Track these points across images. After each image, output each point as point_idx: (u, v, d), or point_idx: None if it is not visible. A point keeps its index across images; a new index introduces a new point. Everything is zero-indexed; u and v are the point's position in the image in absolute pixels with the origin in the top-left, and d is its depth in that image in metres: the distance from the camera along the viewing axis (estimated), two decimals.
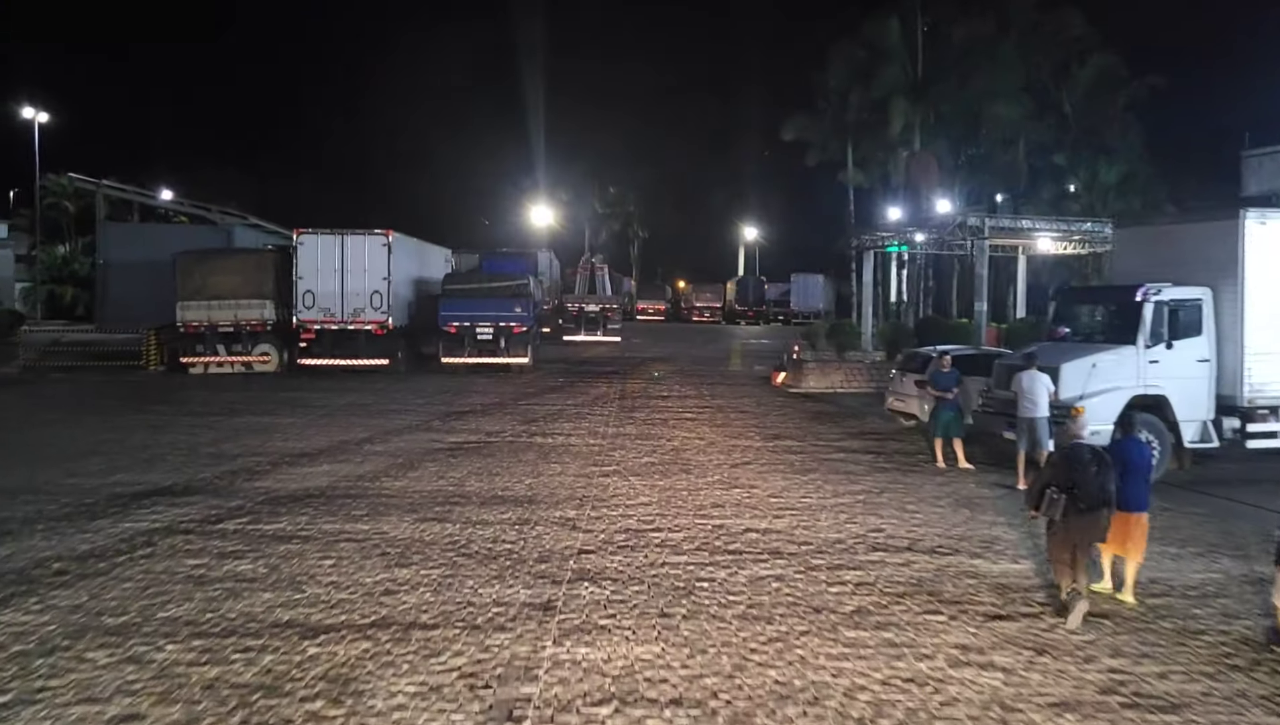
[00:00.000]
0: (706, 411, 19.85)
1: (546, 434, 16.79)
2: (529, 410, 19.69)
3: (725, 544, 9.75)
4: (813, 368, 23.81)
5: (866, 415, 19.53)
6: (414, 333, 28.38)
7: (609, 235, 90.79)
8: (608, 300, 41.16)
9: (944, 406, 13.93)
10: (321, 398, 21.21)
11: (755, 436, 16.67)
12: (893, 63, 31.35)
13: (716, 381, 25.94)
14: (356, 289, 25.35)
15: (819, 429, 17.59)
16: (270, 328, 25.78)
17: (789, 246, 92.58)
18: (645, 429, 17.37)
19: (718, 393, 23.32)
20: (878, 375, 24.01)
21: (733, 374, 28.43)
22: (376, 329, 25.50)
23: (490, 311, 26.49)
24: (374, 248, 25.38)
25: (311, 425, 17.47)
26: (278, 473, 13.32)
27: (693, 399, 21.95)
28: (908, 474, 13.51)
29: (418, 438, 16.28)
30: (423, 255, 30.23)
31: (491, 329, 26.52)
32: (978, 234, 23.60)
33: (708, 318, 76.25)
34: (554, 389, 23.58)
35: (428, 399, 21.25)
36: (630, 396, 22.26)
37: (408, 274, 27.76)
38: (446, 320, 26.42)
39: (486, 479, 12.99)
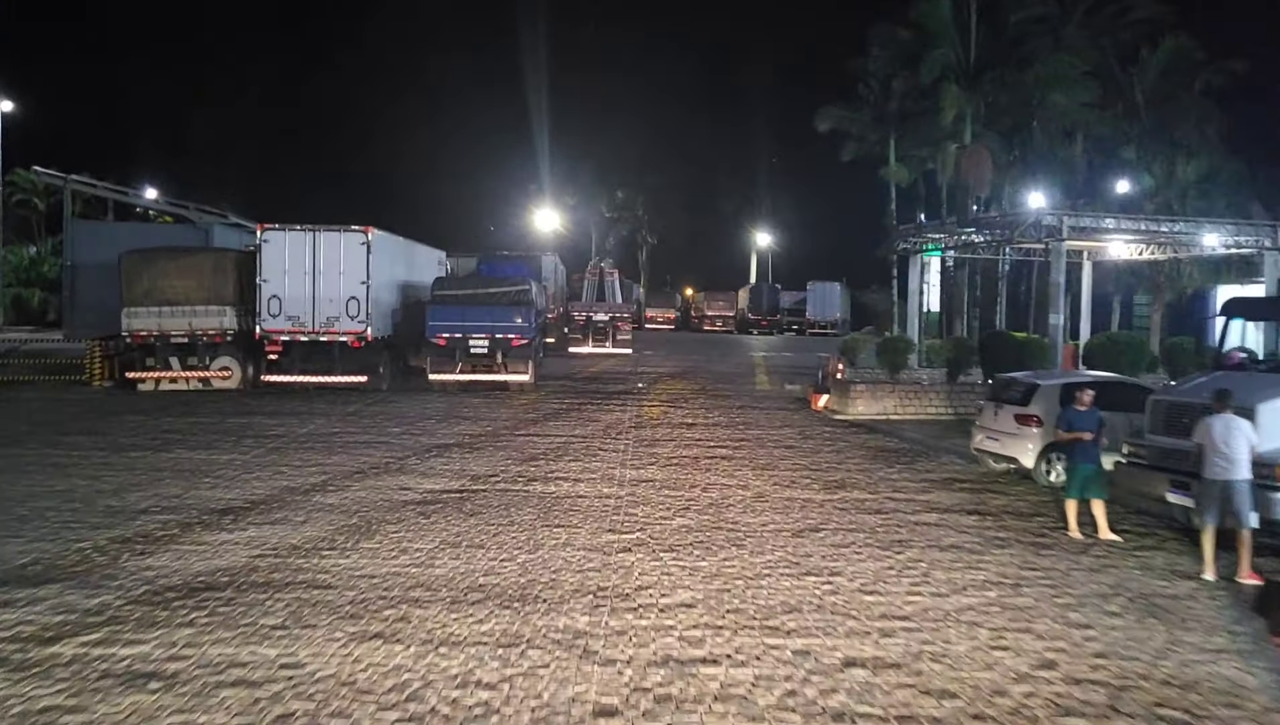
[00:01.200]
0: (743, 446, 16.32)
1: (548, 478, 13.28)
2: (527, 443, 16.19)
3: (822, 697, 6.23)
4: (861, 391, 20.29)
5: (941, 453, 15.99)
6: (399, 345, 24.92)
7: (617, 240, 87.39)
8: (618, 308, 37.68)
9: (1082, 457, 10.40)
10: (280, 424, 17.72)
11: (812, 484, 13.14)
12: (942, 44, 27.90)
13: (746, 404, 22.42)
14: (330, 294, 21.90)
15: (890, 474, 14.04)
16: (231, 338, 22.34)
17: (801, 253, 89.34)
18: (672, 472, 13.86)
19: (750, 418, 19.80)
20: (938, 400, 20.51)
21: (762, 394, 24.91)
22: (353, 341, 22.03)
23: (485, 321, 23.02)
24: (351, 247, 21.94)
25: (256, 464, 13.97)
26: (184, 542, 9.83)
27: (723, 428, 18.43)
28: (1040, 551, 9.96)
29: (385, 483, 12.78)
30: (411, 257, 26.79)
31: (487, 341, 23.06)
32: (1054, 234, 20.11)
33: (720, 327, 72.93)
34: (558, 413, 20.08)
35: (407, 426, 17.76)
36: (648, 423, 18.76)
37: (392, 278, 24.32)
38: (435, 331, 22.96)
39: (465, 554, 9.49)
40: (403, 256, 25.68)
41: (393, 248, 24.38)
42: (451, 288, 24.15)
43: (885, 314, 69.01)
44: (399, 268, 25.11)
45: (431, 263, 29.98)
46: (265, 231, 21.96)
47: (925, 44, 28.18)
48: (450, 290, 23.91)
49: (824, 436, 17.58)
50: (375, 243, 22.22)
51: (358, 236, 21.93)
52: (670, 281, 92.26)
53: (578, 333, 37.28)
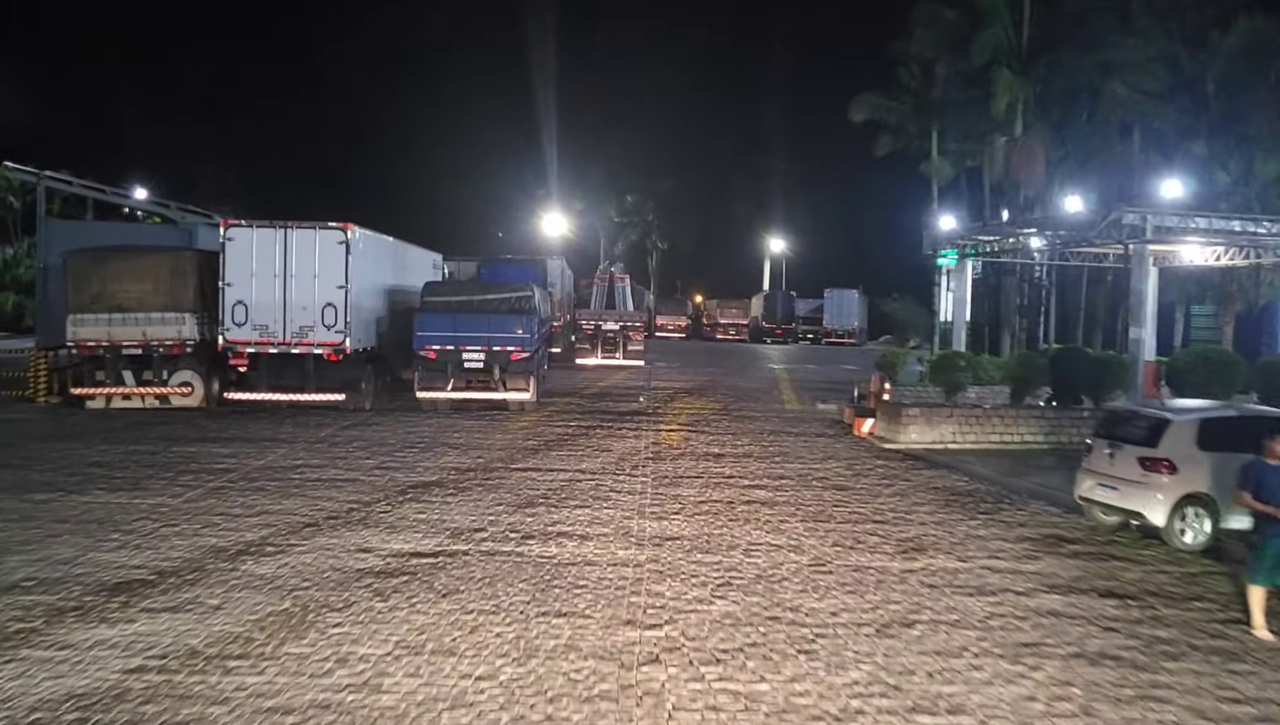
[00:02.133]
0: (784, 485, 13.56)
1: (548, 533, 10.54)
2: (525, 481, 13.44)
3: None
4: (915, 416, 17.49)
5: (1026, 498, 13.18)
6: (386, 358, 22.21)
7: (626, 246, 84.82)
8: (629, 317, 34.93)
9: (1276, 531, 7.63)
10: (233, 454, 15.00)
11: (883, 546, 10.38)
12: (993, 24, 25.19)
13: (777, 428, 19.65)
14: (304, 300, 19.19)
15: (975, 529, 11.25)
16: (192, 350, 19.64)
17: (815, 260, 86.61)
18: (702, 524, 11.11)
19: (786, 447, 17.03)
20: (1001, 426, 17.71)
21: (793, 415, 22.13)
22: (330, 353, 19.31)
23: (482, 331, 20.30)
24: (327, 247, 19.23)
25: (184, 513, 11.25)
26: (41, 642, 7.13)
27: (756, 459, 15.66)
28: (1228, 663, 7.19)
29: (340, 542, 10.05)
30: (401, 259, 24.10)
31: (483, 354, 20.32)
32: (1137, 235, 17.31)
33: (733, 335, 70.24)
34: (563, 440, 17.34)
35: (384, 457, 15.03)
36: (668, 454, 16.00)
37: (377, 282, 21.63)
38: (424, 342, 20.24)
39: (428, 667, 6.78)
40: (390, 258, 22.99)
41: (378, 248, 21.69)
42: (443, 293, 21.43)
43: (907, 323, 66.40)
44: (385, 271, 22.41)
45: (425, 266, 27.29)
46: (229, 228, 19.27)
47: (975, 24, 25.46)
48: (442, 296, 21.19)
49: (878, 472, 14.79)
50: (356, 242, 19.53)
51: (335, 235, 19.23)
52: (680, 288, 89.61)
53: (585, 343, 34.54)
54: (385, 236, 22.39)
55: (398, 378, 22.23)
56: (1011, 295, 27.67)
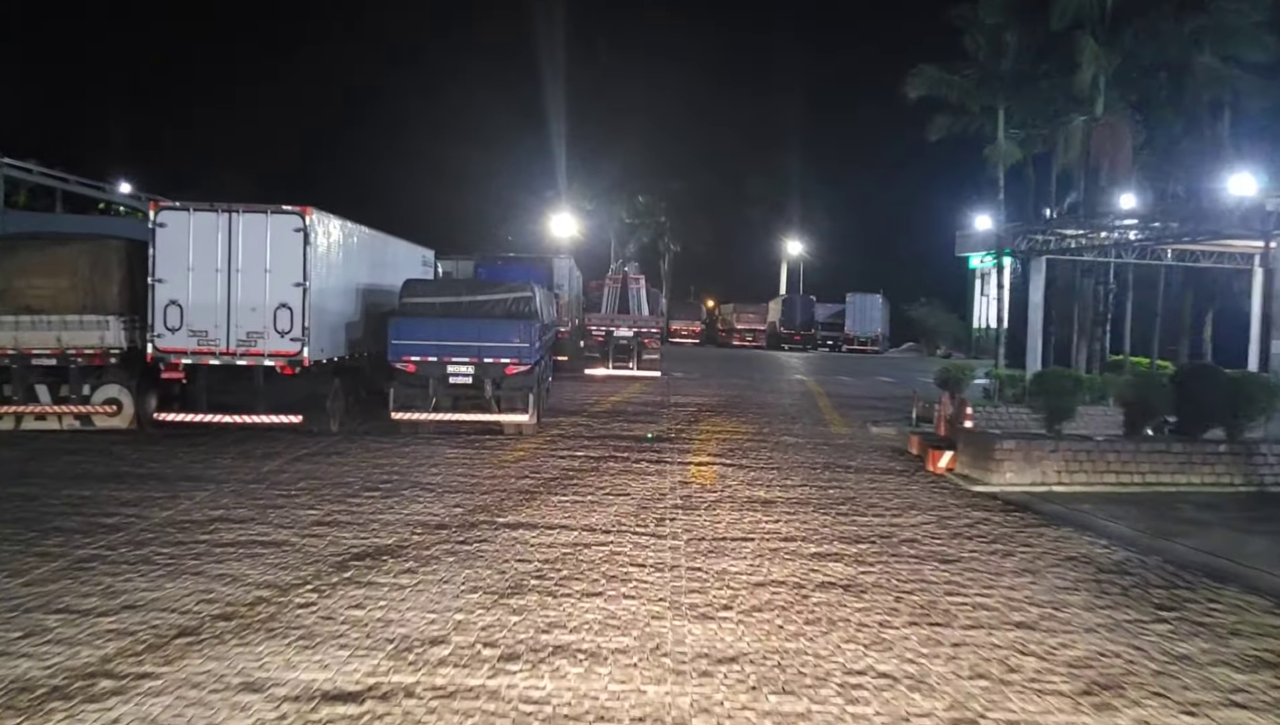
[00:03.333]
0: (866, 553, 9.98)
1: (539, 652, 6.98)
2: (513, 547, 9.90)
3: None
4: (1011, 451, 13.88)
5: (1206, 577, 9.55)
6: (360, 370, 18.76)
7: (637, 248, 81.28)
8: (644, 322, 31.36)
9: None
10: (133, 502, 11.50)
11: (1048, 678, 6.77)
12: None
13: (830, 460, 16.07)
14: (252, 301, 15.73)
15: (1171, 643, 7.62)
16: (118, 360, 16.22)
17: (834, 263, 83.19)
18: (766, 630, 7.54)
19: (850, 489, 13.46)
20: (1116, 464, 14.11)
21: (844, 442, 18.54)
22: (284, 366, 15.83)
23: (471, 339, 16.81)
24: (282, 235, 15.76)
25: (4, 607, 7.75)
26: None
27: (818, 510, 12.08)
28: None
29: (214, 670, 6.50)
30: (381, 254, 20.66)
31: (472, 367, 16.83)
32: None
33: (750, 342, 66.92)
34: (567, 477, 13.80)
35: (333, 505, 11.53)
36: (701, 502, 12.45)
37: (348, 279, 18.18)
38: (400, 353, 16.76)
39: None
40: (366, 252, 19.53)
41: (349, 239, 18.21)
42: (426, 293, 17.92)
43: (936, 330, 62.74)
44: (359, 266, 18.96)
45: (413, 263, 23.84)
46: (160, 211, 15.81)
47: None
48: (423, 296, 17.70)
49: (982, 532, 11.19)
50: (317, 230, 16.06)
51: (291, 220, 15.74)
52: (693, 292, 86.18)
53: (595, 351, 31.00)
54: (359, 226, 18.90)
55: (377, 393, 18.76)
56: (1088, 299, 24.03)
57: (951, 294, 62.60)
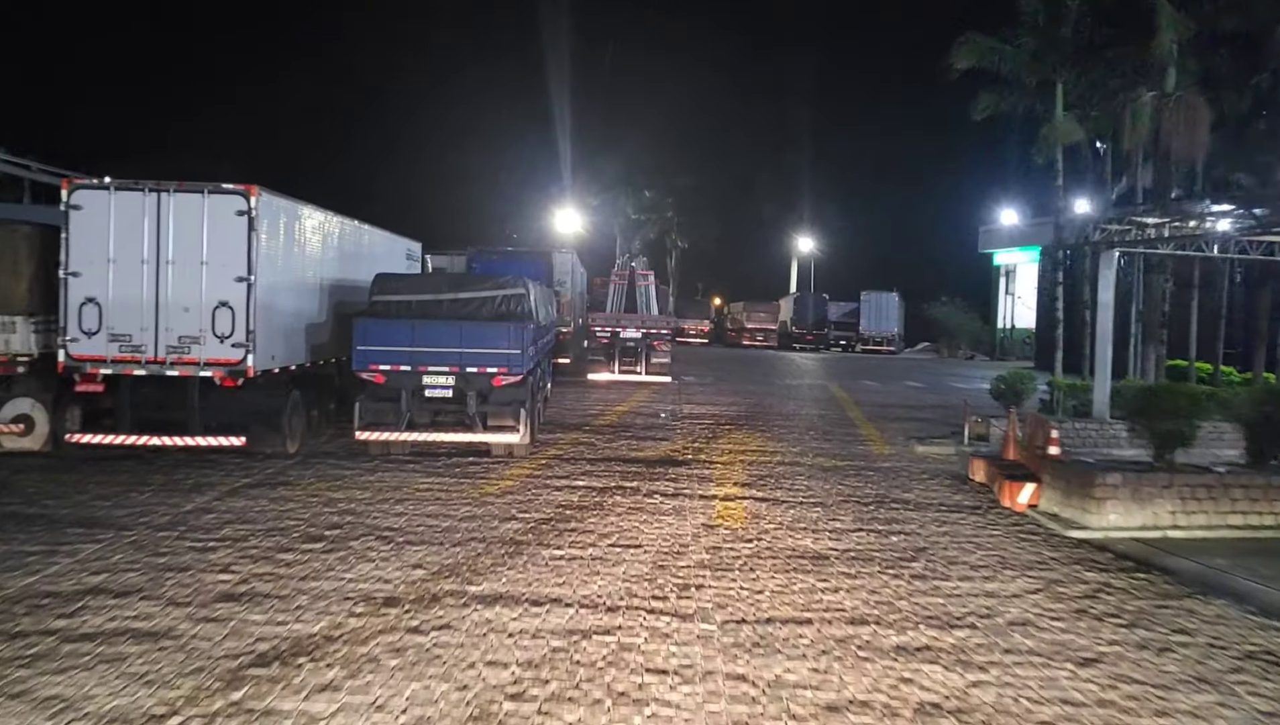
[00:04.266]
0: (972, 646, 7.26)
1: None
2: (482, 638, 7.16)
3: None
4: (1116, 486, 11.13)
5: None
6: (326, 379, 16.10)
7: (643, 244, 78.52)
8: (654, 322, 28.61)
9: None
10: None
11: None
12: None
13: (882, 491, 13.32)
14: (186, 298, 13.03)
15: None
16: (27, 369, 13.55)
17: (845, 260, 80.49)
18: None
19: (917, 535, 10.75)
20: (1245, 503, 11.37)
21: (889, 464, 15.79)
22: (224, 377, 13.13)
23: (451, 346, 14.12)
24: (222, 219, 13.05)
25: None
26: None
27: (885, 571, 9.37)
28: None
29: None
30: (353, 244, 17.99)
31: (452, 378, 14.15)
32: None
33: (760, 341, 64.21)
34: (562, 520, 11.08)
35: (255, 565, 8.83)
36: (735, 554, 9.75)
37: (309, 273, 15.51)
38: (367, 361, 14.07)
39: None
40: (334, 242, 16.85)
41: (310, 226, 15.53)
42: (399, 290, 15.16)
43: (958, 330, 59.88)
44: (325, 259, 16.29)
45: (395, 256, 21.18)
46: (75, 191, 13.12)
47: None
48: (396, 293, 14.98)
49: (1112, 608, 8.44)
50: (266, 214, 13.36)
51: (233, 201, 13.03)
52: (701, 290, 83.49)
53: (600, 354, 28.28)
54: (325, 211, 16.20)
55: (349, 406, 16.08)
56: (1156, 298, 21.23)
57: (973, 293, 59.80)
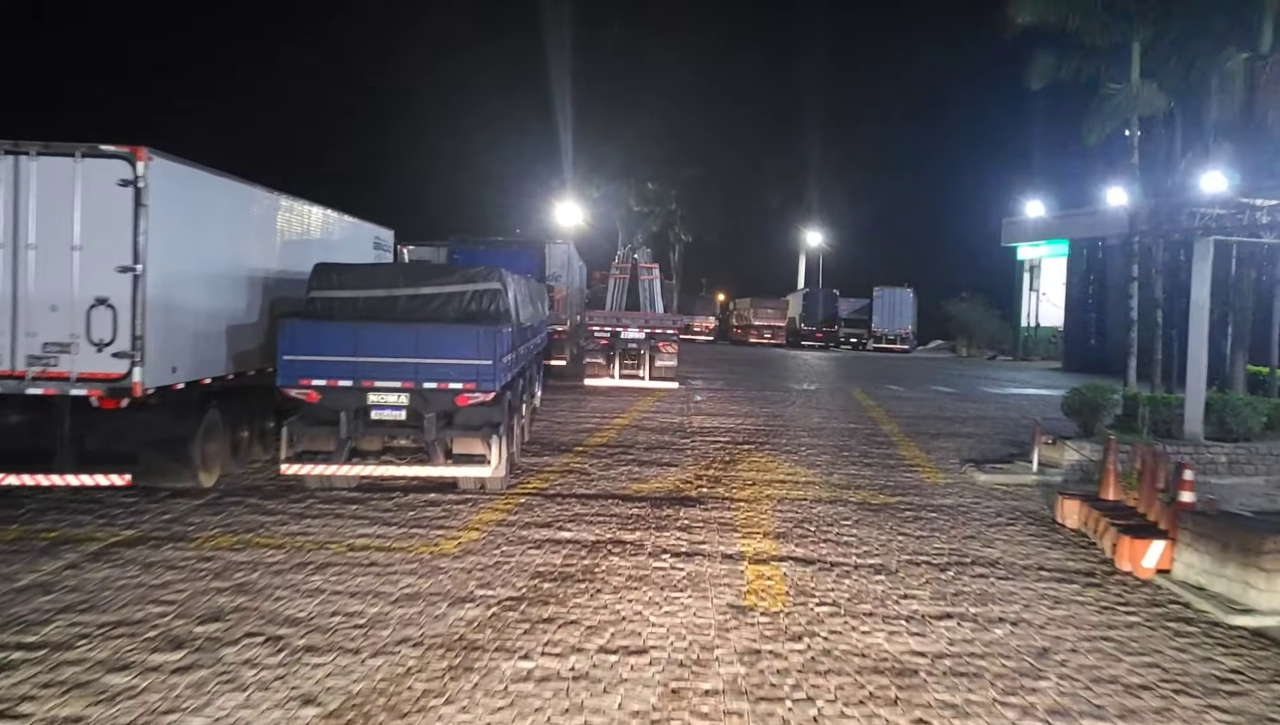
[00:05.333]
0: None
1: None
2: None
3: None
4: None
5: None
6: (253, 393, 13.07)
7: (646, 237, 75.49)
8: (658, 320, 25.54)
9: None
10: None
11: None
12: None
13: (953, 542, 10.32)
14: (53, 294, 10.03)
15: None
16: None
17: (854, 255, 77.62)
18: None
19: (1020, 618, 7.78)
20: None
21: (949, 500, 12.79)
22: (101, 397, 10.14)
23: (404, 354, 11.11)
24: (99, 192, 10.03)
25: None
26: None
27: (1002, 692, 6.40)
28: None
29: None
30: (298, 229, 14.98)
31: (406, 397, 11.16)
32: None
33: (768, 339, 61.40)
34: (537, 603, 8.09)
35: (47, 711, 5.89)
36: (780, 672, 6.77)
37: (231, 263, 12.50)
38: (296, 374, 11.05)
39: None
40: (271, 226, 13.85)
41: (231, 204, 12.50)
42: (346, 284, 12.10)
43: (975, 328, 56.77)
44: (256, 245, 13.28)
45: (358, 245, 18.21)
46: None
47: None
48: (340, 289, 11.95)
49: None
50: (164, 184, 10.36)
51: (113, 168, 10.01)
52: (705, 285, 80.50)
53: (598, 356, 25.27)
54: (252, 185, 13.16)
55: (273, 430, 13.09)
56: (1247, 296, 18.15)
57: (992, 288, 56.74)
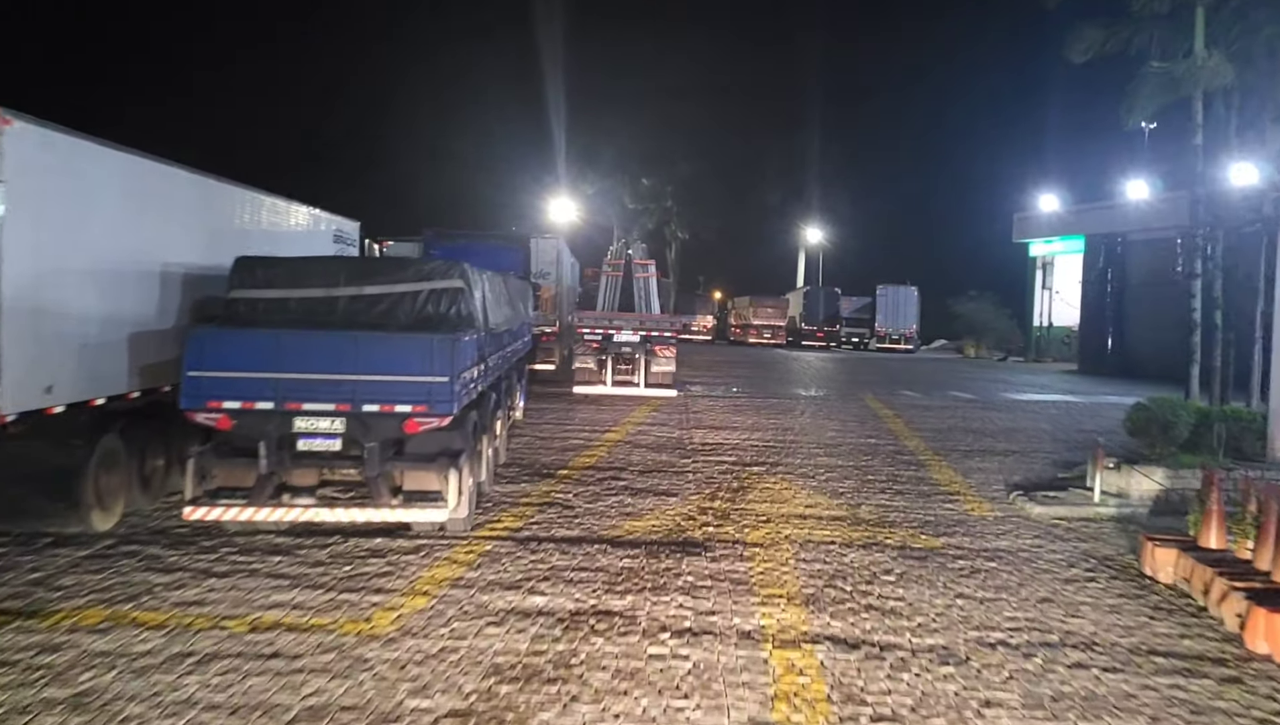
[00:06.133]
0: None
1: None
2: None
3: None
4: None
5: None
6: (169, 413, 10.84)
7: (642, 235, 73.52)
8: (654, 323, 23.30)
9: None
10: None
11: None
12: None
13: (1035, 616, 8.16)
14: None
15: None
16: None
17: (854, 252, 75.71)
18: None
19: None
20: None
21: (1003, 538, 10.66)
22: None
23: (338, 370, 8.92)
24: None
25: None
26: None
27: None
28: None
29: None
30: (226, 216, 12.80)
31: (341, 422, 8.97)
32: None
33: (768, 339, 59.55)
34: (490, 720, 5.96)
35: None
36: None
37: (133, 256, 10.29)
38: (204, 394, 8.86)
39: None
40: (193, 214, 11.65)
41: (130, 184, 10.28)
42: (274, 281, 9.87)
43: (984, 327, 54.59)
44: (172, 235, 11.07)
45: (313, 238, 16.07)
46: None
47: None
48: (267, 287, 9.75)
49: None
50: (27, 156, 8.17)
51: None
52: (702, 284, 78.45)
53: (589, 360, 23.08)
54: (160, 162, 10.96)
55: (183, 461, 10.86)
56: None
57: (1000, 286, 54.68)
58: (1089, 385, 32.65)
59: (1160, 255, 37.08)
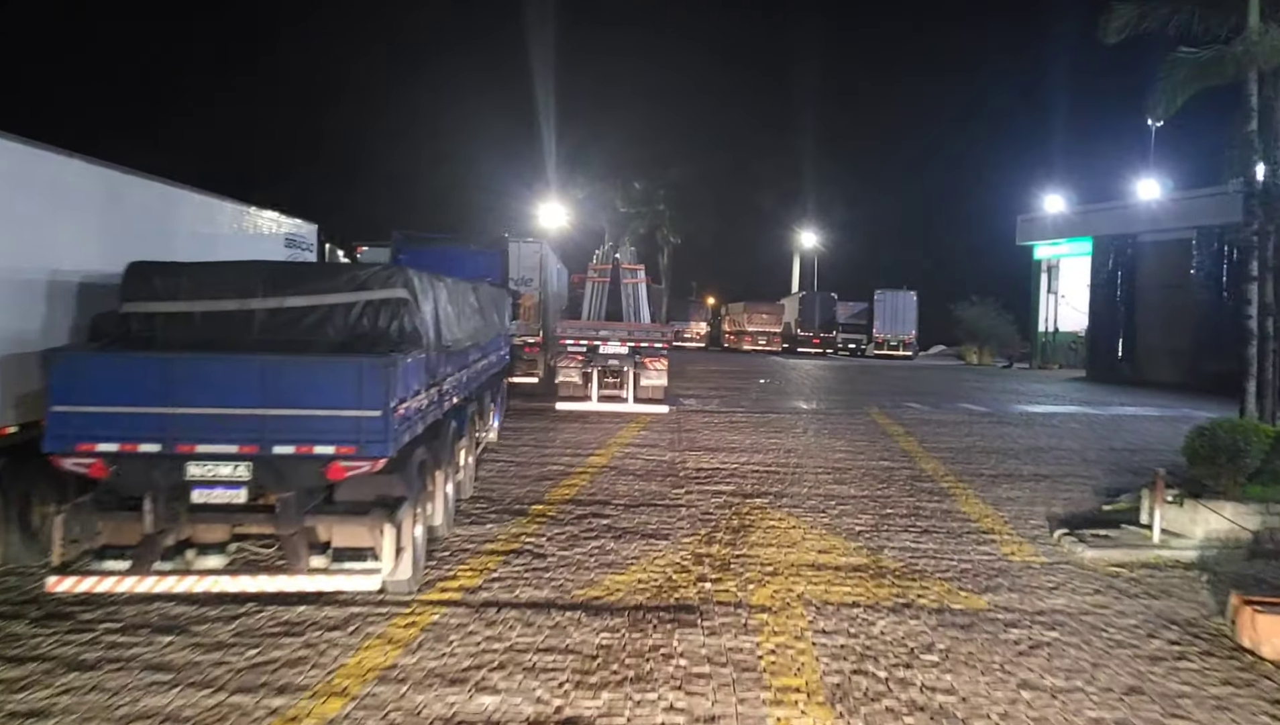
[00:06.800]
0: None
1: None
2: None
3: None
4: None
5: None
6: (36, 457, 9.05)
7: (633, 240, 71.88)
8: (644, 333, 21.52)
9: None
10: None
11: None
12: None
13: (1124, 717, 6.46)
14: None
15: None
16: None
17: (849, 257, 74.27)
18: None
19: None
20: None
21: (1054, 592, 8.95)
22: None
23: (244, 403, 7.15)
24: None
25: None
26: None
27: None
28: None
29: None
30: (150, 218, 11.03)
31: (246, 468, 7.20)
32: None
33: (763, 345, 58.15)
34: None
35: None
36: None
37: (14, 264, 8.53)
38: (70, 436, 7.11)
39: None
40: (92, 213, 9.88)
41: (23, 173, 8.53)
42: (176, 292, 8.12)
43: (988, 333, 52.88)
44: (59, 241, 9.30)
45: (259, 242, 14.29)
46: None
47: None
48: (167, 299, 8.00)
49: None
50: None
51: None
52: (695, 289, 76.85)
53: (573, 373, 21.31)
54: (50, 151, 9.17)
55: None
56: None
57: (1003, 291, 53.05)
58: (1102, 394, 31.00)
59: (1174, 257, 35.49)
